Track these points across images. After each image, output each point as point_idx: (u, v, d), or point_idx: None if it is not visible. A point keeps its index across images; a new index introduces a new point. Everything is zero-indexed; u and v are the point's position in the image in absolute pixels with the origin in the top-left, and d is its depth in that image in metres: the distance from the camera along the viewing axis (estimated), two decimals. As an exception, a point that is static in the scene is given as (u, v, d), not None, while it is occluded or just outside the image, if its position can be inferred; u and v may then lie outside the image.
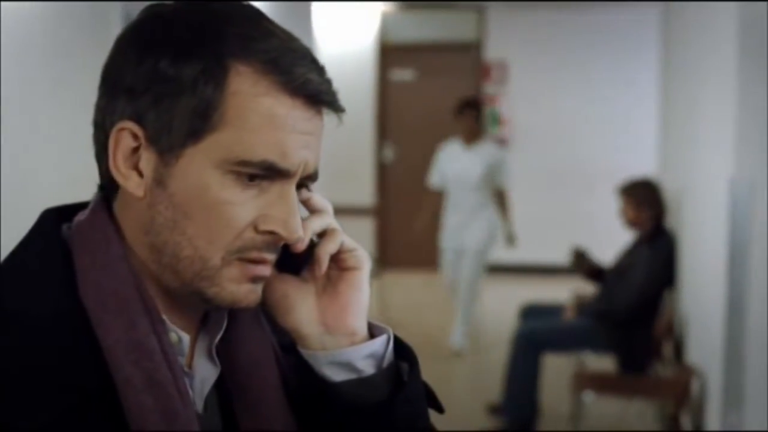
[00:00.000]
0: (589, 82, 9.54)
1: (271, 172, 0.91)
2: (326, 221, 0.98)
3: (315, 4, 7.07)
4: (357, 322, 0.99)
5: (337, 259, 0.99)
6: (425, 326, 7.10)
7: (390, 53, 9.93)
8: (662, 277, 4.78)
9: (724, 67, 3.54)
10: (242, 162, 0.90)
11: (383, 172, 9.92)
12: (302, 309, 0.98)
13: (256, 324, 1.01)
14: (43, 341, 0.87)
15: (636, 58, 9.28)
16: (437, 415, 1.05)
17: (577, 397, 4.49)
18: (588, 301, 5.14)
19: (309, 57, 0.93)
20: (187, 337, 0.95)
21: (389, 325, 1.02)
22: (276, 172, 0.91)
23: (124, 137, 0.92)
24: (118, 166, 0.92)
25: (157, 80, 0.90)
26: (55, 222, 0.96)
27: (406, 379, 0.98)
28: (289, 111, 0.91)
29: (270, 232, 0.92)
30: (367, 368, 0.97)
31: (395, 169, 9.79)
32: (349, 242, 0.99)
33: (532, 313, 5.25)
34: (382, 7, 9.89)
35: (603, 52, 9.49)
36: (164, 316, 0.93)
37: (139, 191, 0.92)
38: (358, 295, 0.99)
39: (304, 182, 0.96)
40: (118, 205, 0.95)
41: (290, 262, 0.98)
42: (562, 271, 8.99)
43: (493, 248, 6.60)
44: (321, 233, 0.98)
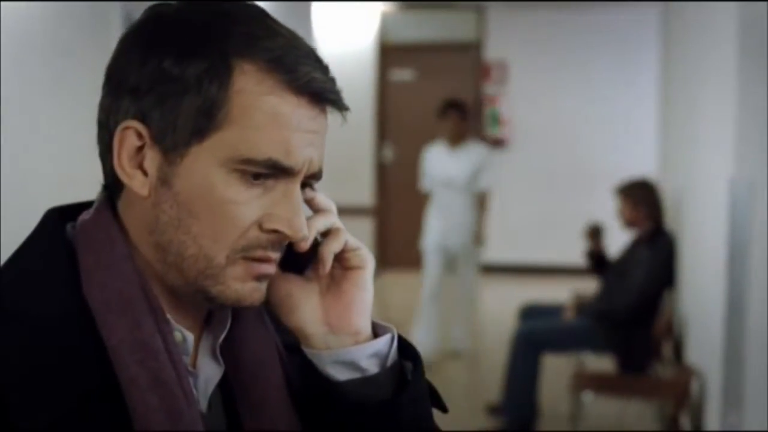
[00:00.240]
0: (589, 82, 9.54)
1: (276, 171, 0.91)
2: (330, 220, 0.98)
3: (315, 4, 7.06)
4: (361, 321, 0.99)
5: (341, 258, 0.99)
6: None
7: (390, 53, 9.93)
8: (662, 277, 4.78)
9: (724, 67, 3.54)
10: (247, 160, 0.90)
11: (383, 172, 9.92)
12: (306, 308, 0.98)
13: (260, 323, 1.01)
14: (48, 341, 0.87)
15: (636, 58, 9.28)
16: (437, 415, 1.05)
17: (576, 397, 4.49)
18: (587, 301, 5.15)
19: (313, 56, 0.94)
20: (191, 337, 0.96)
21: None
22: (280, 170, 0.91)
23: (129, 136, 0.92)
24: (123, 165, 0.92)
25: (162, 79, 0.90)
26: (58, 221, 0.96)
27: (410, 378, 0.98)
28: (294, 109, 0.91)
29: (275, 231, 0.92)
30: (371, 367, 0.97)
31: (395, 169, 9.79)
32: (353, 241, 0.99)
33: (531, 313, 5.25)
34: (382, 7, 9.88)
35: (603, 52, 9.49)
36: (169, 316, 0.93)
37: (143, 190, 0.92)
38: (362, 294, 0.99)
39: (308, 181, 0.96)
40: (122, 205, 0.95)
41: (294, 262, 0.98)
42: (561, 272, 9.00)
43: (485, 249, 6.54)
44: (325, 232, 0.98)
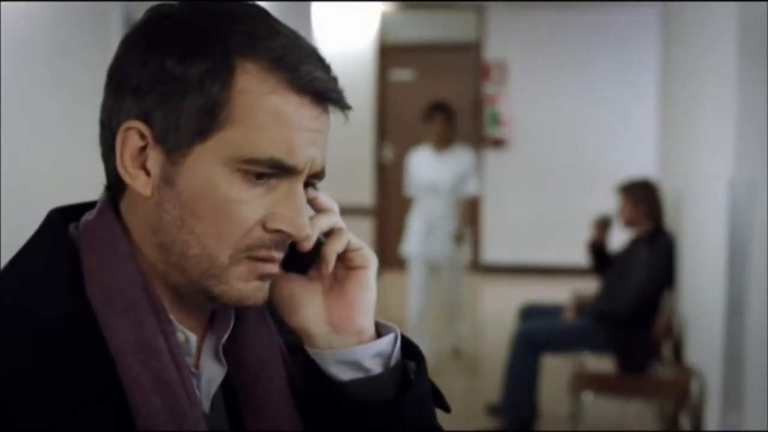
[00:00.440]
0: (589, 82, 9.54)
1: (279, 170, 0.91)
2: (333, 220, 0.98)
3: (315, 4, 7.06)
4: (364, 321, 0.98)
5: (344, 258, 0.99)
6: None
7: (390, 53, 9.93)
8: (662, 277, 4.79)
9: (724, 67, 3.54)
10: (250, 160, 0.90)
11: (383, 172, 9.92)
12: (309, 308, 0.98)
13: (263, 324, 1.01)
14: (50, 341, 0.87)
15: (636, 58, 9.28)
16: (438, 415, 1.05)
17: (576, 397, 4.49)
18: (587, 301, 5.15)
19: (315, 55, 0.94)
20: (194, 337, 0.95)
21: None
22: (283, 169, 0.91)
23: (132, 136, 0.92)
24: (126, 165, 0.92)
25: (164, 79, 0.90)
26: (61, 222, 0.96)
27: (413, 378, 0.98)
28: (297, 109, 0.91)
29: (278, 231, 0.92)
30: (375, 367, 0.97)
31: (394, 170, 9.78)
32: (356, 241, 0.99)
33: (531, 314, 5.25)
34: (382, 7, 9.89)
35: (603, 52, 9.50)
36: (171, 316, 0.93)
37: (146, 190, 0.92)
38: (366, 294, 0.99)
39: (310, 180, 0.96)
40: (124, 205, 0.95)
41: (297, 262, 0.98)
42: (561, 272, 9.00)
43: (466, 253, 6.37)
44: (327, 232, 0.98)
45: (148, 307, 0.91)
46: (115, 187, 0.95)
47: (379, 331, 1.00)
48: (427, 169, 6.07)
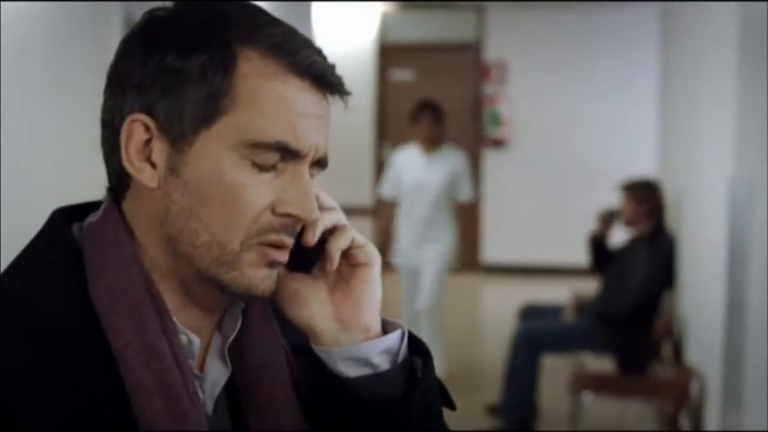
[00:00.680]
0: (589, 82, 9.54)
1: (285, 154, 0.92)
2: (336, 217, 0.98)
3: (315, 4, 7.07)
4: (371, 318, 0.99)
5: (348, 255, 0.99)
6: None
7: (389, 53, 9.93)
8: (661, 277, 4.78)
9: (724, 67, 3.54)
10: (256, 143, 0.90)
11: (383, 172, 9.91)
12: (315, 305, 0.98)
13: (268, 324, 1.01)
14: (54, 342, 0.87)
15: (635, 58, 9.28)
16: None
17: (576, 397, 4.49)
18: (587, 301, 5.15)
19: (312, 44, 0.95)
20: (197, 340, 0.95)
21: None
22: (289, 153, 0.92)
23: (136, 129, 0.92)
24: (131, 158, 0.92)
25: (165, 74, 0.91)
26: (65, 222, 0.96)
27: (420, 374, 0.98)
28: (299, 93, 0.92)
29: (287, 215, 0.93)
30: (383, 363, 0.97)
31: (395, 169, 9.80)
32: (360, 238, 0.99)
33: (531, 314, 5.25)
34: (382, 7, 9.89)
35: (603, 52, 9.50)
36: (176, 318, 0.93)
37: (152, 182, 0.92)
38: (371, 290, 1.00)
39: (313, 169, 0.96)
40: (128, 204, 0.95)
41: (300, 261, 0.98)
42: (561, 272, 9.00)
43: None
44: (331, 230, 0.98)
45: (152, 310, 0.91)
46: (118, 186, 0.95)
47: (385, 328, 1.00)
48: (414, 170, 5.72)
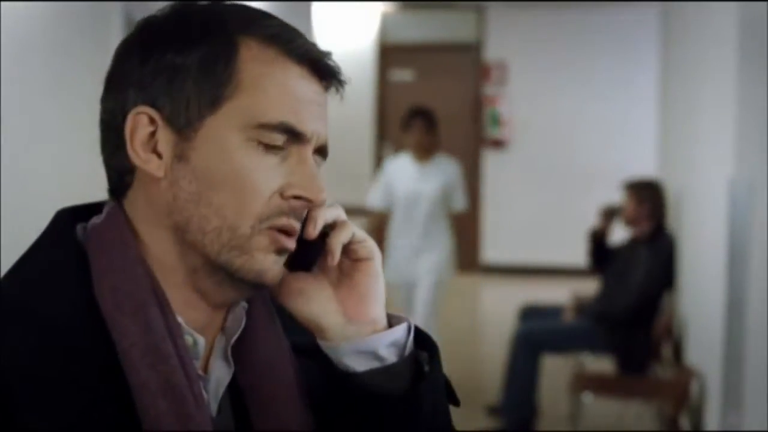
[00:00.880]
0: (589, 82, 9.54)
1: (290, 136, 0.93)
2: (336, 213, 0.98)
3: (315, 4, 7.07)
4: (377, 311, 0.99)
5: (349, 250, 0.99)
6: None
7: (389, 54, 9.93)
8: (662, 278, 4.78)
9: (724, 67, 3.54)
10: (262, 125, 0.92)
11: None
12: (320, 301, 0.98)
13: (271, 324, 1.01)
14: (58, 342, 0.87)
15: (635, 58, 9.28)
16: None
17: (575, 398, 4.49)
18: (587, 302, 5.15)
19: (306, 36, 0.97)
20: (202, 340, 0.95)
21: None
22: (294, 135, 0.93)
23: (141, 121, 0.93)
24: (137, 150, 0.93)
25: (166, 70, 0.92)
26: (69, 223, 0.96)
27: (426, 367, 0.98)
28: (298, 80, 0.94)
29: (296, 197, 0.94)
30: (390, 356, 0.97)
31: (395, 170, 9.80)
32: (360, 233, 0.99)
33: (531, 314, 5.25)
34: (382, 7, 9.89)
35: (603, 52, 9.50)
36: (181, 317, 0.93)
37: (159, 172, 0.92)
38: (376, 284, 1.00)
39: (316, 157, 0.97)
40: (130, 203, 0.95)
41: (300, 260, 0.98)
42: (561, 272, 8.99)
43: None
44: (331, 226, 0.98)
45: (157, 311, 0.91)
46: (119, 186, 0.96)
47: (391, 322, 1.00)
48: (406, 180, 5.41)
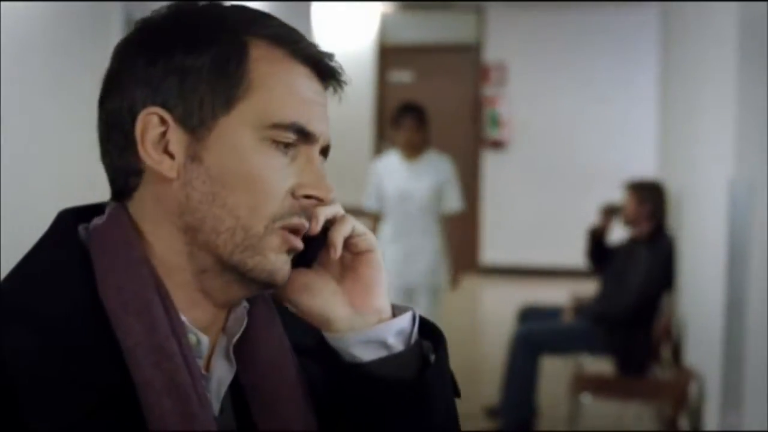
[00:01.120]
0: (589, 82, 9.54)
1: (300, 136, 0.94)
2: (335, 208, 0.99)
3: (315, 4, 7.07)
4: (382, 300, 1.00)
5: (349, 243, 1.00)
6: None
7: (389, 54, 9.93)
8: (661, 278, 4.78)
9: (724, 67, 3.54)
10: (274, 125, 0.93)
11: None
12: (326, 293, 0.99)
13: (272, 323, 1.01)
14: (62, 341, 0.87)
15: (635, 58, 9.28)
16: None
17: (575, 399, 4.49)
18: (586, 302, 5.15)
19: (305, 36, 0.98)
20: (206, 339, 0.95)
21: None
22: (304, 135, 0.95)
23: (151, 122, 0.92)
24: (149, 151, 0.93)
25: (176, 72, 0.92)
26: (72, 223, 0.96)
27: (432, 356, 0.99)
28: (304, 80, 0.96)
29: (307, 197, 0.95)
30: (397, 345, 0.98)
31: (394, 170, 9.80)
32: (360, 227, 1.00)
33: (530, 315, 5.25)
34: (382, 8, 9.89)
35: (603, 53, 9.50)
36: (185, 316, 0.93)
37: (172, 173, 0.92)
38: (379, 274, 1.01)
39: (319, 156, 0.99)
40: (135, 205, 0.95)
41: (300, 257, 0.99)
42: (560, 273, 8.99)
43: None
44: (331, 221, 0.99)
45: (162, 310, 0.91)
46: (125, 188, 0.95)
47: (395, 312, 1.01)
48: (396, 179, 5.25)
